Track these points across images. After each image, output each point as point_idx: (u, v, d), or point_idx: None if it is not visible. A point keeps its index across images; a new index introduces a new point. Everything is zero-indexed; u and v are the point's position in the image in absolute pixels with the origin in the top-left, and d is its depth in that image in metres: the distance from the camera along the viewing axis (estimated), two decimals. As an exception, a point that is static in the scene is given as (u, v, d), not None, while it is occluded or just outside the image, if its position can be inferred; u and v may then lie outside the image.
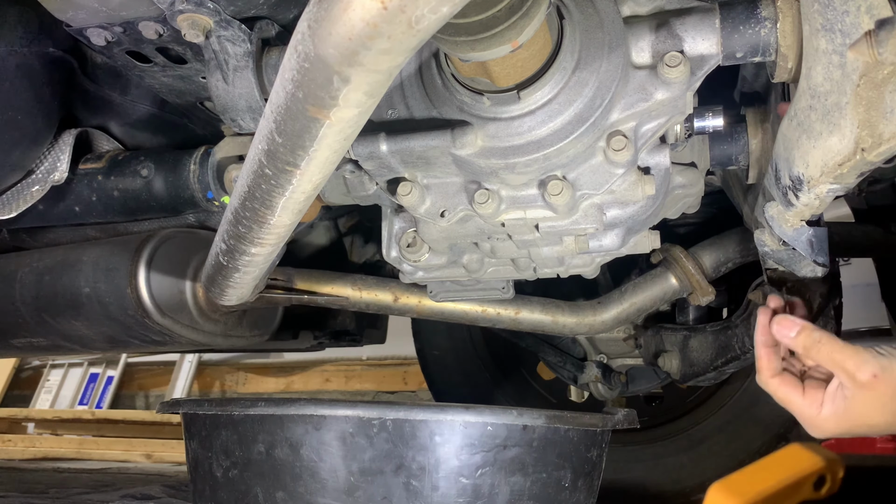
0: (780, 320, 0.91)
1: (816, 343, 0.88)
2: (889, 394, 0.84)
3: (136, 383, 4.51)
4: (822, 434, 0.92)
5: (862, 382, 0.85)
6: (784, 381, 0.92)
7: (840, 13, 0.69)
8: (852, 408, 0.87)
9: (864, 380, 0.84)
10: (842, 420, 0.89)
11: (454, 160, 0.86)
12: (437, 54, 0.85)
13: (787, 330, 0.90)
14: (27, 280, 1.33)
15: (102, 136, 1.33)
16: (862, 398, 0.86)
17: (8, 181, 1.22)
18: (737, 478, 0.43)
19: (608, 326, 1.36)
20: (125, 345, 1.36)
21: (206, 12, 0.89)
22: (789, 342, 0.90)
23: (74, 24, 0.95)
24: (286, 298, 1.37)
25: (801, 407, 0.91)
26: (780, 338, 0.90)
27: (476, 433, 0.95)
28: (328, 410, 0.95)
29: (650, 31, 0.83)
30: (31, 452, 3.86)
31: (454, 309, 1.33)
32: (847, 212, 1.68)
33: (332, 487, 0.95)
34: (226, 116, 0.98)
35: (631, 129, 0.83)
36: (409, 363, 3.85)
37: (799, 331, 0.89)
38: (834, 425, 0.90)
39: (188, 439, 1.08)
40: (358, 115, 0.57)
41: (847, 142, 0.73)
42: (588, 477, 1.06)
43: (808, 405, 0.91)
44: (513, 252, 0.99)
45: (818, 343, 0.87)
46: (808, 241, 0.90)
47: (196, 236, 1.34)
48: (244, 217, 0.78)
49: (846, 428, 0.90)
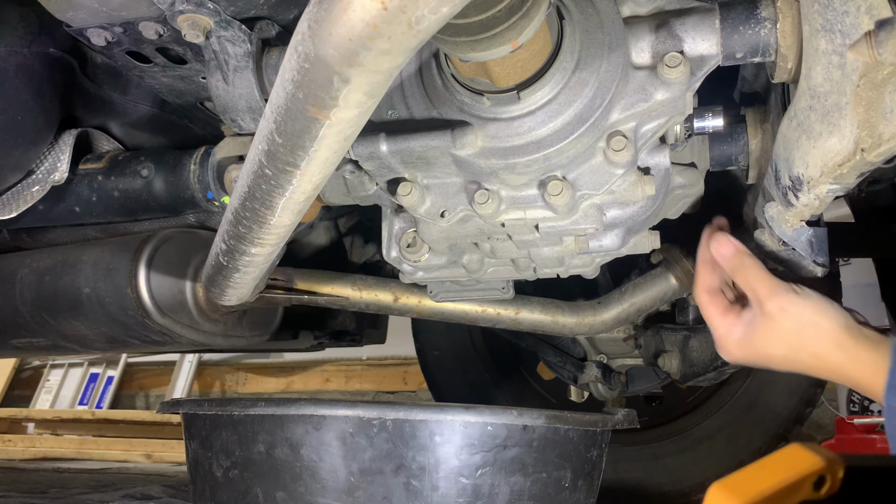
0: (717, 238, 0.92)
1: (742, 266, 0.89)
2: (791, 329, 0.85)
3: (137, 383, 4.51)
4: (728, 357, 0.94)
5: (768, 312, 0.85)
6: (712, 300, 0.94)
7: (840, 14, 0.69)
8: (755, 336, 0.88)
9: (771, 310, 0.85)
10: (745, 346, 0.91)
11: (454, 160, 0.86)
12: (437, 55, 0.85)
13: (722, 248, 0.91)
14: (27, 280, 1.33)
15: (102, 136, 1.33)
16: (765, 328, 0.87)
17: (8, 181, 1.22)
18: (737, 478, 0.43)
19: (608, 326, 1.36)
20: (125, 345, 1.36)
21: (206, 13, 0.89)
22: (721, 260, 0.91)
23: (74, 24, 0.95)
24: (286, 298, 1.37)
25: (717, 326, 0.93)
26: (714, 254, 0.92)
27: (476, 433, 0.95)
28: (328, 410, 0.95)
29: (650, 31, 0.83)
30: (31, 452, 3.86)
31: (454, 309, 1.33)
32: (847, 212, 1.68)
33: (332, 487, 0.95)
34: (226, 117, 0.98)
35: (631, 130, 0.83)
36: (409, 363, 3.85)
37: (732, 252, 0.90)
38: (737, 350, 0.92)
39: (188, 439, 1.08)
40: (358, 115, 0.57)
41: (847, 142, 0.73)
42: (588, 477, 1.06)
43: (723, 326, 0.92)
44: (513, 252, 0.99)
45: (743, 267, 0.88)
46: (808, 242, 0.90)
47: (196, 236, 1.34)
48: (244, 217, 0.78)
49: (747, 354, 0.91)
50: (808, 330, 0.84)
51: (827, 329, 0.83)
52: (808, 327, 0.84)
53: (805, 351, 0.85)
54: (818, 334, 0.84)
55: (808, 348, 0.84)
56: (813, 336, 0.84)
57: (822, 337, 0.83)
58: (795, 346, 0.85)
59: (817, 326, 0.83)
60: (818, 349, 0.84)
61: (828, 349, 0.83)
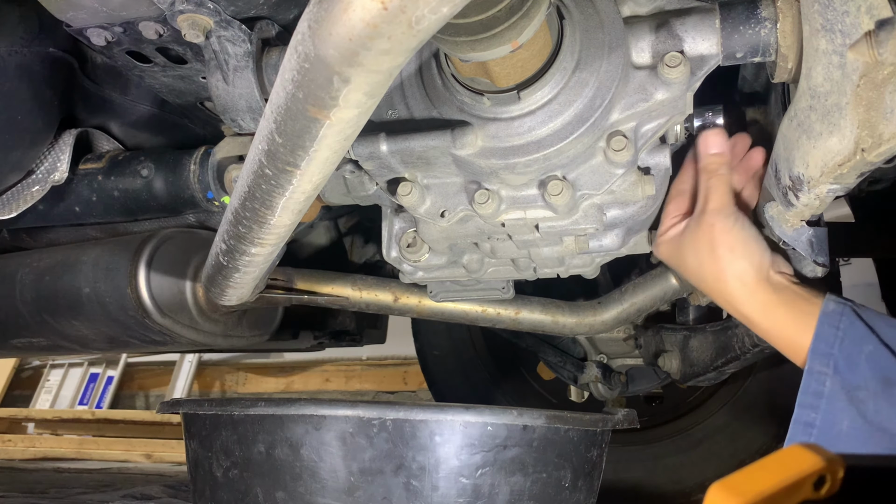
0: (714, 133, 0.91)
1: (711, 171, 0.89)
2: (709, 246, 0.86)
3: (136, 383, 4.51)
4: (656, 252, 0.97)
5: (701, 222, 0.87)
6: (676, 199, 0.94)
7: (840, 13, 0.69)
8: (682, 238, 0.90)
9: (703, 221, 0.87)
10: (670, 245, 0.93)
11: (454, 160, 0.86)
12: (437, 54, 0.85)
13: (710, 145, 0.90)
14: (27, 280, 1.33)
15: (102, 136, 1.33)
16: (692, 235, 0.88)
17: (8, 181, 1.22)
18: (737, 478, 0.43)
19: (608, 326, 1.35)
20: (125, 345, 1.36)
21: (206, 12, 0.89)
22: (700, 153, 0.91)
23: (75, 24, 0.95)
24: (286, 298, 1.37)
25: (662, 221, 0.95)
26: (699, 144, 0.91)
27: (476, 433, 0.95)
28: (328, 410, 0.95)
29: (650, 31, 0.83)
30: (31, 452, 3.86)
31: (454, 309, 1.33)
32: (847, 212, 1.68)
33: (332, 487, 0.95)
34: (226, 116, 0.98)
35: (631, 130, 0.83)
36: (409, 363, 3.85)
37: (716, 151, 0.90)
38: (664, 246, 0.94)
39: (188, 439, 1.08)
40: (358, 115, 0.57)
41: (847, 142, 0.73)
42: (588, 477, 1.06)
43: (667, 222, 0.94)
44: (513, 252, 0.99)
45: (712, 172, 0.89)
46: (808, 242, 0.90)
47: (196, 236, 1.34)
48: (244, 217, 0.78)
49: (669, 254, 0.93)
50: (721, 253, 0.85)
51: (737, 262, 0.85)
52: (723, 251, 0.85)
53: (710, 271, 0.87)
54: (727, 263, 0.85)
55: (714, 270, 0.86)
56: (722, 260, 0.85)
57: (730, 267, 0.85)
58: (705, 262, 0.87)
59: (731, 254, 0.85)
60: (721, 275, 0.86)
61: (729, 280, 0.85)
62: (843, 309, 0.79)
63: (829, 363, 0.78)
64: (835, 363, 0.77)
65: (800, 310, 0.82)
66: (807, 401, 0.78)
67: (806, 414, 0.78)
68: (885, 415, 0.74)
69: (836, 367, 0.77)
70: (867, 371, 0.76)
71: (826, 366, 0.78)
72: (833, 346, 0.78)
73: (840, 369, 0.77)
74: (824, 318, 0.79)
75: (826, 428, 0.77)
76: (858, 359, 0.76)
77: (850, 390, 0.76)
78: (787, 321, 0.83)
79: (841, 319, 0.79)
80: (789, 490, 0.43)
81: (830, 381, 0.77)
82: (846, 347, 0.77)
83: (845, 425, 0.76)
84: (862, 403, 0.75)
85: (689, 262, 0.90)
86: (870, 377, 0.75)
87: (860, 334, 0.77)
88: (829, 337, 0.78)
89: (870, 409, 0.74)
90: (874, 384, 0.75)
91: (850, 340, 0.77)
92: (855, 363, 0.76)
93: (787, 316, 0.83)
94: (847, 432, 0.75)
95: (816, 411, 0.78)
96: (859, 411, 0.75)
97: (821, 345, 0.78)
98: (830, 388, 0.77)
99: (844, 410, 0.76)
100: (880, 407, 0.74)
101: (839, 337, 0.78)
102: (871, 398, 0.75)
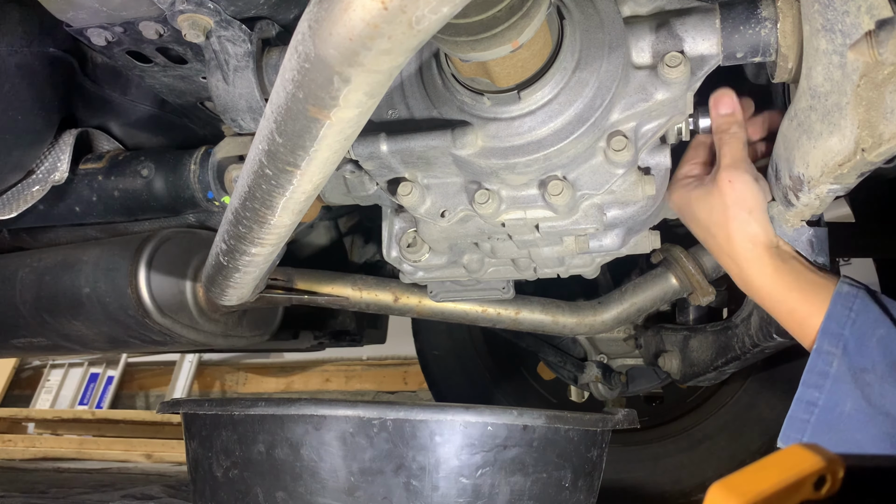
0: (724, 93, 0.90)
1: (726, 130, 0.88)
2: (723, 205, 0.85)
3: (137, 383, 4.51)
4: (668, 198, 0.95)
5: (718, 179, 0.85)
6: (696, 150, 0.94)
7: (840, 13, 0.69)
8: (696, 191, 0.89)
9: (721, 178, 0.85)
10: (684, 195, 0.91)
11: (454, 160, 0.86)
12: (437, 54, 0.85)
13: (722, 105, 0.89)
14: (27, 280, 1.33)
15: (102, 136, 1.33)
16: (706, 190, 0.87)
17: (8, 181, 1.22)
18: (737, 478, 0.43)
19: (608, 326, 1.36)
20: (125, 345, 1.36)
21: (206, 12, 0.89)
22: (713, 114, 0.90)
23: (75, 24, 0.95)
24: (286, 298, 1.37)
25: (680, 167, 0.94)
26: (712, 105, 0.90)
27: (476, 433, 0.95)
28: (328, 410, 0.95)
29: (650, 31, 0.83)
30: (32, 452, 3.86)
31: (454, 309, 1.33)
32: (847, 212, 1.68)
33: (332, 487, 0.95)
34: (226, 116, 0.98)
35: (631, 130, 0.83)
36: (409, 363, 3.85)
37: (728, 111, 0.89)
38: (677, 194, 0.93)
39: (188, 439, 1.08)
40: (358, 115, 0.57)
41: (847, 142, 0.73)
42: (588, 477, 1.06)
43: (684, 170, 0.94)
44: (513, 252, 0.99)
45: (727, 132, 0.88)
46: (808, 241, 0.90)
47: (196, 236, 1.34)
48: (244, 217, 0.78)
49: (681, 203, 0.92)
50: (734, 212, 0.84)
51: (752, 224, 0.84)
52: (738, 210, 0.84)
53: (723, 230, 0.86)
54: (741, 223, 0.84)
55: (727, 230, 0.85)
56: (736, 220, 0.84)
57: (742, 227, 0.84)
58: (718, 220, 0.86)
59: (748, 215, 0.84)
60: (733, 235, 0.84)
61: (741, 241, 0.84)
62: (858, 291, 0.78)
63: (839, 344, 0.77)
64: (844, 344, 0.76)
65: (807, 279, 0.81)
66: (812, 380, 0.77)
67: (809, 393, 0.77)
68: (889, 398, 0.73)
69: (846, 349, 0.76)
70: (877, 354, 0.75)
71: (835, 346, 0.77)
72: (844, 326, 0.77)
73: (849, 350, 0.76)
74: (838, 297, 0.78)
75: (828, 408, 0.76)
76: (869, 341, 0.76)
77: (857, 372, 0.75)
78: (792, 289, 0.81)
79: (855, 301, 0.78)
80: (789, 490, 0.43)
81: (838, 361, 0.76)
82: (858, 329, 0.76)
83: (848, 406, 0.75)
84: (868, 386, 0.74)
85: (700, 216, 0.88)
86: (879, 360, 0.74)
87: (874, 317, 0.76)
88: (840, 318, 0.77)
89: (875, 391, 0.74)
90: (882, 367, 0.74)
91: (862, 322, 0.76)
92: (865, 345, 0.75)
93: (793, 284, 0.82)
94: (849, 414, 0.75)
95: (820, 391, 0.77)
96: (864, 394, 0.74)
97: (832, 324, 0.77)
98: (837, 369, 0.76)
99: (849, 392, 0.75)
100: (885, 390, 0.73)
101: (851, 318, 0.77)
102: (877, 381, 0.74)
